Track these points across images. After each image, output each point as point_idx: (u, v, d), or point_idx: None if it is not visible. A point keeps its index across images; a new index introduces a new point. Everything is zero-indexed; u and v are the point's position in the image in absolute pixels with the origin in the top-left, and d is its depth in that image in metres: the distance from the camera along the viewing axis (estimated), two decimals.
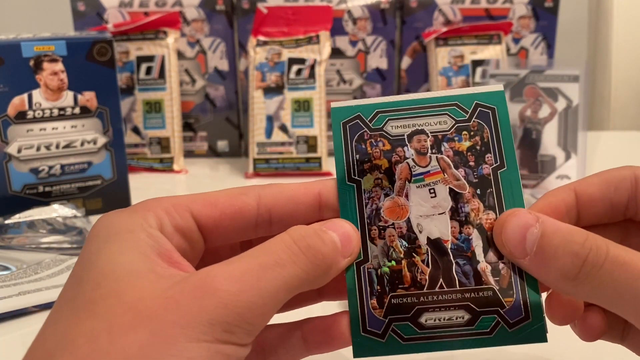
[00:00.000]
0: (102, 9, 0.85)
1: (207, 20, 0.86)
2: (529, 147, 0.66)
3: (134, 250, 0.23)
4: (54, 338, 0.22)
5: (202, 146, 0.91)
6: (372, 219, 0.28)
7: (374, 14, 0.87)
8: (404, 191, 0.28)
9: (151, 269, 0.23)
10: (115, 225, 0.25)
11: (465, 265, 0.27)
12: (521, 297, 0.26)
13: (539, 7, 0.88)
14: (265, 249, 0.24)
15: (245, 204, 0.27)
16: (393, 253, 0.27)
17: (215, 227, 0.27)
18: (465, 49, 0.85)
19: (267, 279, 0.23)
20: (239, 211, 0.27)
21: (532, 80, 0.66)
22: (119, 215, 0.25)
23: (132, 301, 0.22)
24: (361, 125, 0.29)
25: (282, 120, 0.81)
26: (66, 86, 0.63)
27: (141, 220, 0.25)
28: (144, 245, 0.24)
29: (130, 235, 0.24)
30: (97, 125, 0.65)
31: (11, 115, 0.61)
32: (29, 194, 0.63)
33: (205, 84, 0.89)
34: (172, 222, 0.26)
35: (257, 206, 0.27)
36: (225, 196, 0.27)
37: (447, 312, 0.26)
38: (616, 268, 0.23)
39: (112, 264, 0.23)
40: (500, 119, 0.28)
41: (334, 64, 0.89)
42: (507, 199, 0.27)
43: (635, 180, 0.27)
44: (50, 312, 0.23)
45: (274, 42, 0.83)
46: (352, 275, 0.27)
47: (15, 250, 0.54)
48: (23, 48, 0.60)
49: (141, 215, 0.25)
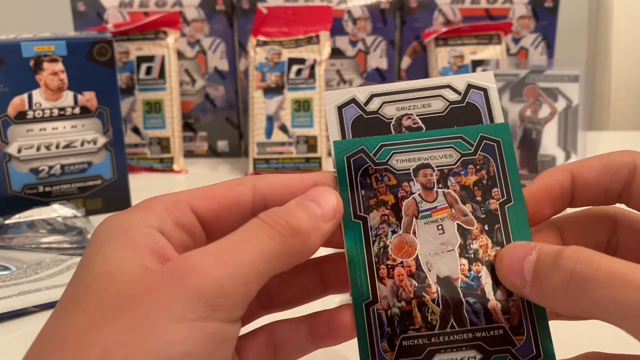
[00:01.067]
0: (102, 9, 0.85)
1: (207, 20, 0.86)
2: (529, 147, 0.66)
3: (126, 248, 0.23)
4: (46, 337, 0.22)
5: (202, 146, 0.91)
6: (380, 258, 0.27)
7: (374, 14, 0.87)
8: (411, 228, 0.27)
9: (141, 263, 0.23)
10: (113, 226, 0.25)
11: (476, 303, 0.26)
12: (532, 333, 0.26)
13: (538, 7, 0.88)
14: (240, 229, 0.24)
15: (241, 194, 0.27)
16: (402, 293, 0.27)
17: (214, 219, 0.27)
18: (465, 49, 0.85)
19: (244, 251, 0.23)
20: (235, 201, 0.27)
21: (532, 80, 0.66)
22: (119, 217, 0.25)
23: (117, 292, 0.22)
24: (365, 159, 0.28)
25: (282, 120, 0.81)
26: (66, 86, 0.63)
27: (139, 219, 0.25)
28: (137, 242, 0.24)
29: (125, 234, 0.24)
30: (97, 125, 0.65)
31: (11, 115, 0.61)
32: (29, 194, 0.63)
33: (205, 84, 0.89)
34: (174, 219, 0.26)
35: (252, 195, 0.27)
36: (222, 188, 0.27)
37: (459, 353, 0.26)
38: (611, 281, 0.22)
39: (104, 262, 0.23)
40: (505, 151, 0.28)
41: (334, 64, 0.89)
42: (514, 234, 0.27)
43: (634, 168, 0.27)
44: (49, 316, 0.24)
45: (274, 42, 0.83)
46: (362, 317, 0.27)
47: (15, 250, 0.54)
48: (23, 48, 0.60)
49: (141, 214, 0.25)
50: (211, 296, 0.22)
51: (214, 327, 0.22)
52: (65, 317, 0.22)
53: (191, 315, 0.21)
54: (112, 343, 0.20)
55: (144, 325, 0.21)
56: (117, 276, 0.22)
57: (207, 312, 0.22)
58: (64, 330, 0.21)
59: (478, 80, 0.29)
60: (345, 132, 0.28)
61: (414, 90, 0.29)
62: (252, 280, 0.23)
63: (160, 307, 0.21)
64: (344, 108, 0.29)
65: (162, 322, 0.21)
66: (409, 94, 0.29)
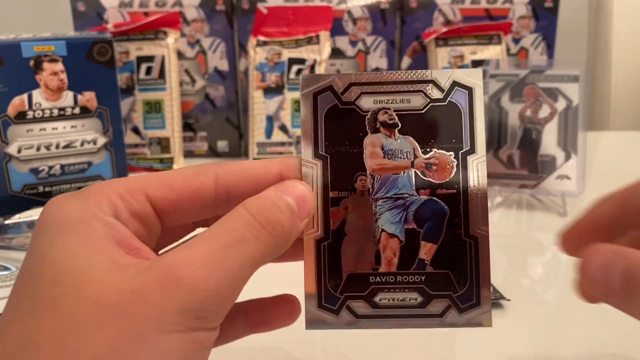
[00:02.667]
0: (102, 9, 0.85)
1: (207, 20, 0.86)
2: (529, 147, 0.66)
3: (89, 241, 0.22)
4: (14, 340, 0.20)
5: (202, 146, 0.91)
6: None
7: (374, 14, 0.87)
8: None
9: (110, 259, 0.22)
10: (66, 214, 0.23)
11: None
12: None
13: (539, 7, 0.88)
14: (225, 227, 0.23)
15: (202, 184, 0.26)
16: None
17: (172, 209, 0.26)
18: (465, 49, 0.85)
19: (232, 259, 0.22)
20: (195, 192, 0.26)
21: (532, 80, 0.66)
22: (69, 203, 0.24)
23: (95, 296, 0.21)
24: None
25: (282, 121, 0.81)
26: (66, 86, 0.62)
27: (94, 208, 0.23)
28: (99, 235, 0.23)
29: (84, 225, 0.23)
30: (97, 126, 0.65)
31: (11, 115, 0.61)
32: (29, 194, 0.63)
33: (205, 84, 0.89)
34: (128, 207, 0.24)
35: (214, 186, 0.26)
36: (182, 177, 0.26)
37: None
38: None
39: (68, 257, 0.22)
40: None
41: (334, 64, 0.89)
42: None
43: None
44: (5, 311, 0.22)
45: (274, 42, 0.83)
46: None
47: (15, 250, 0.54)
48: (23, 48, 0.60)
49: (94, 202, 0.24)
50: (200, 310, 0.21)
51: (202, 336, 0.22)
52: (33, 318, 0.21)
53: (181, 327, 0.21)
54: (102, 352, 0.20)
55: (134, 335, 0.20)
56: (88, 274, 0.21)
57: (196, 324, 0.21)
58: (35, 334, 0.20)
59: (465, 77, 0.28)
60: (318, 121, 0.28)
61: (396, 83, 0.28)
62: (237, 289, 0.23)
63: (149, 318, 0.21)
64: (319, 95, 0.28)
65: (153, 333, 0.20)
66: (390, 87, 0.28)
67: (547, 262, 0.54)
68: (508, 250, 0.57)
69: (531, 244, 0.58)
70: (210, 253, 0.22)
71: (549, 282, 0.51)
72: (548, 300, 0.48)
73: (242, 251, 0.23)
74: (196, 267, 0.22)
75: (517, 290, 0.47)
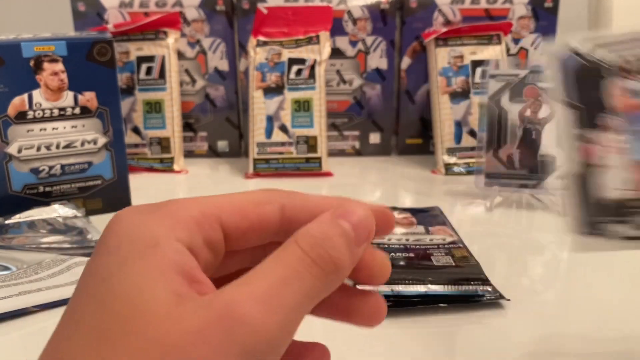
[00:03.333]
0: (102, 9, 0.85)
1: (207, 20, 0.86)
2: (529, 147, 0.66)
3: (156, 269, 0.22)
4: None
5: (202, 146, 0.91)
6: None
7: (374, 14, 0.87)
8: None
9: (170, 288, 0.21)
10: (138, 234, 0.22)
11: None
12: None
13: (538, 8, 0.88)
14: (281, 261, 0.23)
15: (271, 214, 0.25)
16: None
17: (241, 237, 0.25)
18: (465, 49, 0.85)
19: (290, 295, 0.22)
20: (265, 221, 0.25)
21: (532, 80, 0.66)
22: (143, 220, 0.23)
23: (158, 337, 0.20)
24: None
25: (282, 121, 0.81)
26: (66, 86, 0.63)
27: (169, 231, 0.23)
28: (167, 263, 0.22)
29: (155, 251, 0.22)
30: (97, 126, 0.65)
31: (11, 115, 0.61)
32: (29, 194, 0.63)
33: (205, 84, 0.89)
34: (203, 235, 0.24)
35: (280, 218, 0.25)
36: (253, 204, 0.25)
37: None
38: None
39: (136, 290, 0.21)
40: None
41: (334, 64, 0.89)
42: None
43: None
44: (64, 329, 0.22)
45: (274, 42, 0.83)
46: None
47: (15, 250, 0.54)
48: (23, 48, 0.60)
49: (169, 224, 0.23)
50: (262, 352, 0.21)
51: None
52: (99, 353, 0.20)
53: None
54: None
55: None
56: (154, 311, 0.21)
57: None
58: None
59: None
60: None
61: None
62: (296, 326, 0.22)
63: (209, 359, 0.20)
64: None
65: None
66: None
67: (547, 262, 0.54)
68: (508, 250, 0.57)
69: (531, 244, 0.58)
70: (268, 288, 0.22)
71: (549, 282, 0.51)
72: (548, 300, 0.48)
73: (298, 286, 0.22)
74: (256, 303, 0.21)
75: (517, 290, 0.47)
